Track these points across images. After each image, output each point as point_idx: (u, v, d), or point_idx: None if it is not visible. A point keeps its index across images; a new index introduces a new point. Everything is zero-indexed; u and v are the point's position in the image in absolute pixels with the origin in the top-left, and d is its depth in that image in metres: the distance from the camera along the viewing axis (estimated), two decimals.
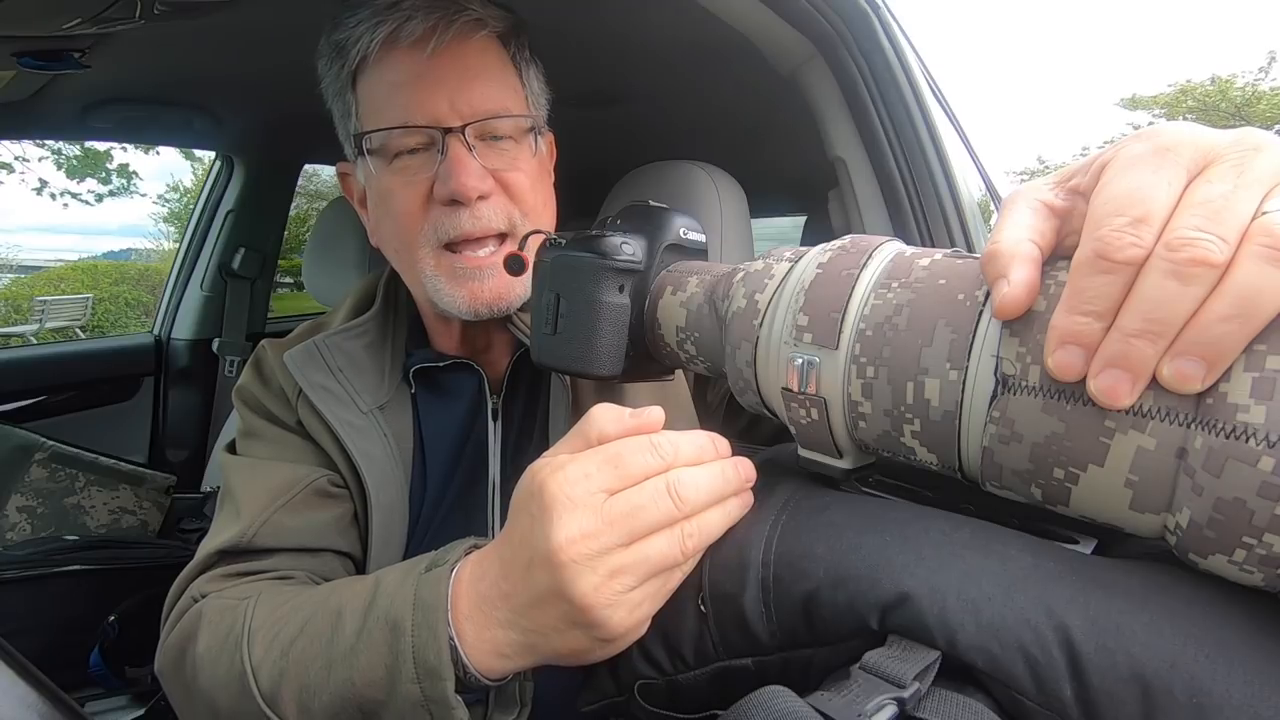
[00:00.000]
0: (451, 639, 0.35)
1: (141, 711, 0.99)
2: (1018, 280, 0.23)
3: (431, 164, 0.54)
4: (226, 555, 0.52)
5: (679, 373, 0.53)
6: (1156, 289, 0.20)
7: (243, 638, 0.43)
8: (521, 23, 0.59)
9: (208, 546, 0.53)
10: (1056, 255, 0.25)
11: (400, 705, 0.36)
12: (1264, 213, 0.20)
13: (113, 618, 1.05)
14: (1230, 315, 0.19)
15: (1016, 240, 0.24)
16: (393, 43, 0.53)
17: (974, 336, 0.25)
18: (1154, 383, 0.21)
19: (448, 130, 0.53)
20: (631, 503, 0.31)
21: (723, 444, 0.35)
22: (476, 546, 0.38)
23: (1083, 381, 0.22)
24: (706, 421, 0.63)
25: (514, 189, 0.56)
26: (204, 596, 0.50)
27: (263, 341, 0.64)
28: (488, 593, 0.35)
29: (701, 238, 0.45)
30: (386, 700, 0.36)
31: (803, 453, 0.34)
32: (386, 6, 0.52)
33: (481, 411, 0.63)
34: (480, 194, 0.54)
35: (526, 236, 0.48)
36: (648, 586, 0.32)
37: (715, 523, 0.32)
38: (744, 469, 0.34)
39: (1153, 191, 0.21)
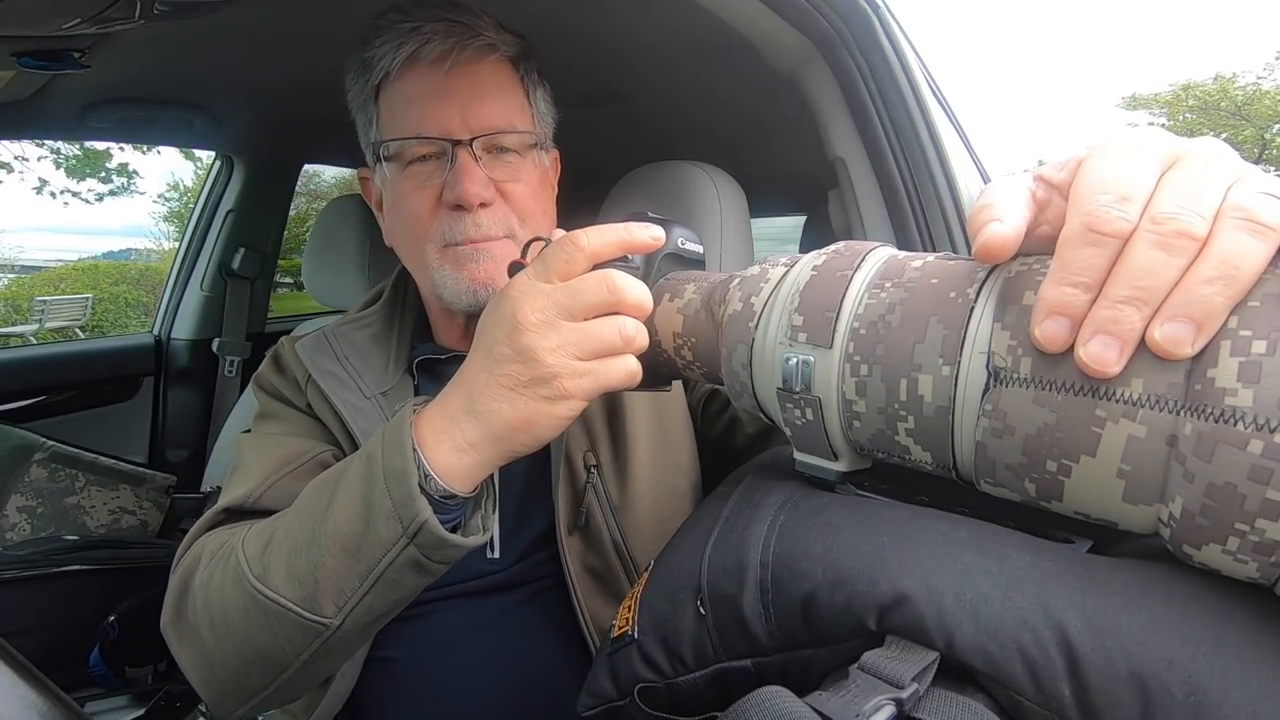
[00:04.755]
0: (413, 443, 0.41)
1: (141, 711, 0.99)
2: (1012, 222, 0.25)
3: (441, 171, 0.58)
4: (231, 514, 0.55)
5: None
6: (1144, 258, 0.21)
7: (238, 545, 0.47)
8: (531, 48, 0.64)
9: (215, 506, 0.56)
10: (1030, 249, 0.26)
11: (376, 526, 0.41)
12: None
13: (113, 618, 1.04)
14: (1214, 277, 0.20)
15: (1011, 198, 0.26)
16: (413, 61, 0.58)
17: (966, 331, 0.26)
18: (1143, 369, 0.22)
19: (457, 142, 0.57)
20: (573, 288, 0.39)
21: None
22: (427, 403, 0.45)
23: (1074, 371, 0.23)
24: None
25: (515, 199, 0.60)
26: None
27: (282, 338, 0.69)
28: (447, 403, 0.42)
29: (699, 248, 0.46)
30: (365, 529, 0.41)
31: (798, 455, 0.34)
32: (409, 30, 0.57)
33: None
34: (483, 201, 0.58)
35: (529, 244, 0.48)
36: (593, 364, 0.39)
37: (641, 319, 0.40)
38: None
39: (1133, 176, 0.23)
